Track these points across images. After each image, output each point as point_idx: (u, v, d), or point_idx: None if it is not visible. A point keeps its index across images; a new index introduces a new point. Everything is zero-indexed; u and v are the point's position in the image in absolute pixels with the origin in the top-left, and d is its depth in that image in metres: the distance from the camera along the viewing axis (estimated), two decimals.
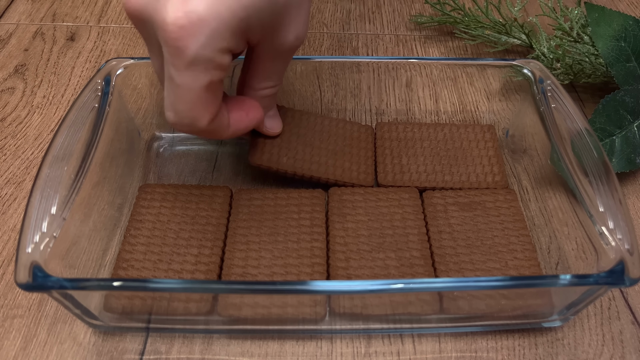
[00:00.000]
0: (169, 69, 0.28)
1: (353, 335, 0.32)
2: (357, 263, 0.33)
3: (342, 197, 0.37)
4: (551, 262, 0.35)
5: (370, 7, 0.59)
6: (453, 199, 0.37)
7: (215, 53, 0.27)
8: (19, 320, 0.32)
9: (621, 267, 0.27)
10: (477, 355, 0.32)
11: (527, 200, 0.39)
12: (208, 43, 0.27)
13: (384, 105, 0.46)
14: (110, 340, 0.32)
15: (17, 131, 0.44)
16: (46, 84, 0.48)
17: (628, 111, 0.40)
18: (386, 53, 0.53)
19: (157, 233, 0.34)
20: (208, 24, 0.26)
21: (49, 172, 0.30)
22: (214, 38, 0.27)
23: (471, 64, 0.43)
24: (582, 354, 0.32)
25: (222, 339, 0.32)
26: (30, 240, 0.27)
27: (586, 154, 0.32)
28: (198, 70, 0.27)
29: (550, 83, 0.37)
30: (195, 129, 0.30)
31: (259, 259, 0.33)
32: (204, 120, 0.30)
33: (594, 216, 0.30)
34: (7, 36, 0.53)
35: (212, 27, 0.26)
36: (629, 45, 0.43)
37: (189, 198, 0.36)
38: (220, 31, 0.27)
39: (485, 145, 0.40)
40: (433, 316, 0.32)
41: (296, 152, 0.38)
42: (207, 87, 0.28)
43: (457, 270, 0.33)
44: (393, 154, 0.40)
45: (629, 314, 0.33)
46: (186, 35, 0.26)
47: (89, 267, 0.33)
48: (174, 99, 0.29)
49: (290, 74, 0.45)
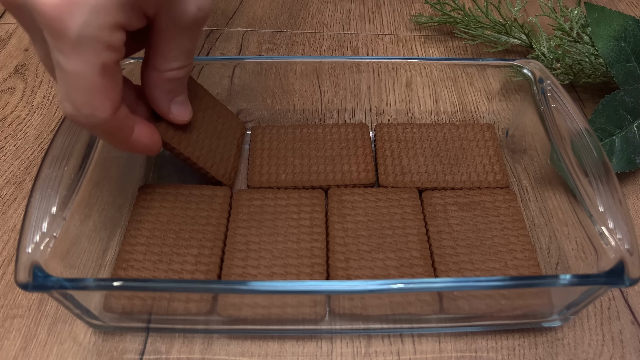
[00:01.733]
0: (55, 55, 0.25)
1: (353, 335, 0.32)
2: (356, 263, 0.33)
3: (341, 197, 0.37)
4: (551, 262, 0.35)
5: (370, 7, 0.59)
6: (452, 199, 0.37)
7: (102, 31, 0.24)
8: (19, 320, 0.32)
9: (621, 267, 0.27)
10: (477, 355, 0.32)
11: (527, 200, 0.39)
12: (91, 20, 0.24)
13: (384, 105, 0.46)
14: (110, 340, 0.32)
15: (17, 131, 0.44)
16: (46, 84, 0.48)
17: (628, 111, 0.40)
18: (386, 53, 0.53)
19: (157, 233, 0.34)
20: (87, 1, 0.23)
21: (49, 172, 0.30)
22: (98, 13, 0.24)
23: (471, 64, 0.43)
24: (582, 354, 0.32)
25: (222, 339, 0.32)
26: (30, 240, 0.27)
27: (586, 154, 0.32)
28: (86, 53, 0.24)
29: (550, 83, 0.37)
30: (97, 122, 0.27)
31: (259, 259, 0.33)
32: (106, 110, 0.26)
33: (593, 216, 0.30)
34: (7, 36, 0.53)
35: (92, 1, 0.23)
36: (628, 45, 0.43)
37: (188, 198, 0.36)
38: (103, 5, 0.24)
39: (485, 144, 0.40)
40: (433, 316, 0.32)
41: (294, 167, 0.39)
42: (102, 72, 0.25)
43: (456, 271, 0.33)
44: (393, 155, 0.40)
45: (629, 314, 0.33)
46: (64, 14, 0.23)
47: (89, 267, 0.33)
48: (67, 89, 0.25)
49: (290, 74, 0.45)
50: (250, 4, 0.59)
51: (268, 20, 0.57)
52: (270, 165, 0.39)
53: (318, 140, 0.40)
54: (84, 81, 0.25)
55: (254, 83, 0.45)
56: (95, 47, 0.24)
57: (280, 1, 0.59)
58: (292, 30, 0.56)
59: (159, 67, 0.30)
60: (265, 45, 0.53)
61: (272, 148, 0.40)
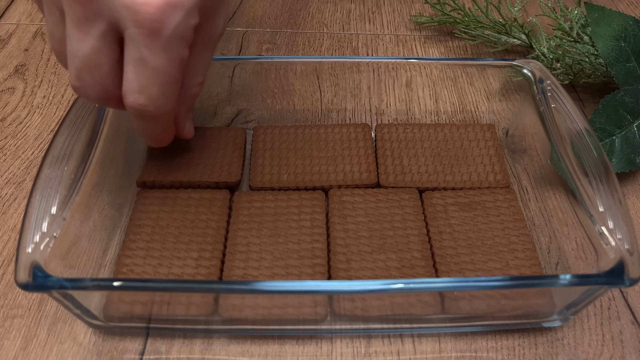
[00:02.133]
0: (141, 51, 0.26)
1: (353, 335, 0.32)
2: (358, 264, 0.33)
3: (342, 198, 0.37)
4: (551, 262, 0.35)
5: (370, 7, 0.59)
6: (453, 199, 0.37)
7: (188, 30, 0.26)
8: (19, 320, 0.32)
9: (621, 267, 0.27)
10: (477, 355, 0.32)
11: (527, 200, 0.39)
12: (183, 21, 0.26)
13: (384, 105, 0.46)
14: (110, 340, 0.32)
15: (17, 131, 0.44)
16: (46, 84, 0.48)
17: (628, 111, 0.40)
18: (386, 53, 0.53)
19: (157, 237, 0.34)
20: (182, 4, 0.25)
21: (49, 172, 0.30)
22: (189, 15, 0.26)
23: (471, 64, 0.43)
24: (582, 354, 0.32)
25: (222, 339, 0.32)
26: (30, 240, 0.27)
27: (586, 154, 0.32)
28: (174, 51, 0.26)
29: (550, 83, 0.37)
30: (166, 111, 0.29)
31: (260, 260, 0.33)
32: (173, 101, 0.28)
33: (593, 216, 0.30)
34: (7, 36, 0.53)
35: (186, 7, 0.25)
36: (628, 45, 0.43)
37: (188, 202, 0.36)
38: (192, 7, 0.26)
39: (485, 144, 0.40)
40: (433, 316, 0.32)
41: (295, 167, 0.39)
42: (180, 67, 0.27)
43: (458, 271, 0.33)
44: (394, 155, 0.40)
45: (629, 314, 0.33)
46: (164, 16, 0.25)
47: (89, 267, 0.33)
48: (146, 82, 0.27)
49: (290, 74, 0.45)
50: (250, 4, 0.59)
51: (268, 20, 0.57)
52: (272, 166, 0.39)
53: (320, 140, 0.40)
54: (165, 76, 0.27)
55: (254, 83, 0.45)
56: (181, 45, 0.26)
57: (280, 1, 0.59)
58: (292, 30, 0.56)
59: (186, 82, 0.32)
60: (265, 45, 0.53)
61: (274, 148, 0.40)
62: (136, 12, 0.24)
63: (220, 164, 0.38)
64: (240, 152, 0.40)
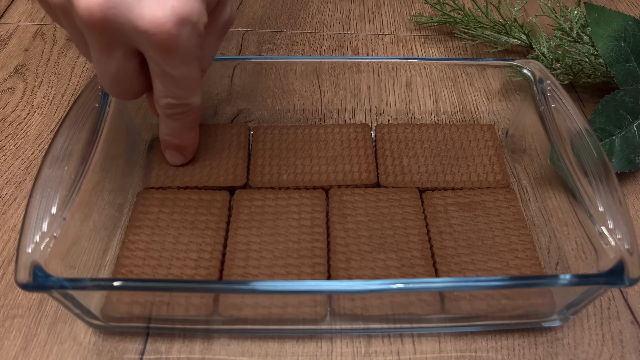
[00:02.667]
0: (164, 67, 0.29)
1: (353, 335, 0.32)
2: (358, 264, 0.33)
3: (342, 197, 0.37)
4: (551, 262, 0.35)
5: (370, 7, 0.59)
6: (453, 199, 0.37)
7: (200, 34, 0.28)
8: (19, 320, 0.32)
9: (621, 267, 0.27)
10: (477, 355, 0.32)
11: (526, 200, 0.39)
12: (193, 34, 0.28)
13: (383, 105, 0.46)
14: (111, 340, 0.32)
15: (17, 131, 0.44)
16: (46, 84, 0.48)
17: (628, 111, 0.40)
18: (386, 53, 0.53)
19: (156, 238, 0.34)
20: (189, 19, 0.27)
21: (49, 172, 0.30)
22: (196, 27, 0.28)
23: (471, 64, 0.43)
24: (581, 353, 0.32)
25: (222, 339, 0.32)
26: (30, 240, 0.27)
27: (586, 154, 0.32)
28: (192, 57, 0.29)
29: (550, 83, 0.37)
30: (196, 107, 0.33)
31: (260, 259, 0.33)
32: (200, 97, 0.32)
33: (593, 216, 0.30)
34: (7, 36, 0.53)
35: (194, 20, 0.27)
36: (628, 45, 0.43)
37: (187, 203, 0.36)
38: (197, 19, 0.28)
39: (485, 144, 0.40)
40: (433, 316, 0.32)
41: (295, 167, 0.39)
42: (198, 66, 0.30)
43: (458, 271, 0.33)
44: (394, 155, 0.40)
45: (629, 314, 0.34)
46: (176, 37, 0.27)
47: (89, 267, 0.33)
48: (174, 88, 0.30)
49: (290, 74, 0.45)
50: (250, 4, 0.59)
51: (268, 20, 0.57)
52: (272, 166, 0.39)
53: (320, 140, 0.40)
54: (190, 80, 0.30)
55: (254, 83, 0.45)
56: (196, 49, 0.29)
57: (280, 1, 0.59)
58: (292, 30, 0.56)
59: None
60: (265, 45, 0.53)
61: (274, 148, 0.40)
62: (151, 38, 0.27)
63: (226, 166, 0.39)
64: (245, 151, 0.40)
